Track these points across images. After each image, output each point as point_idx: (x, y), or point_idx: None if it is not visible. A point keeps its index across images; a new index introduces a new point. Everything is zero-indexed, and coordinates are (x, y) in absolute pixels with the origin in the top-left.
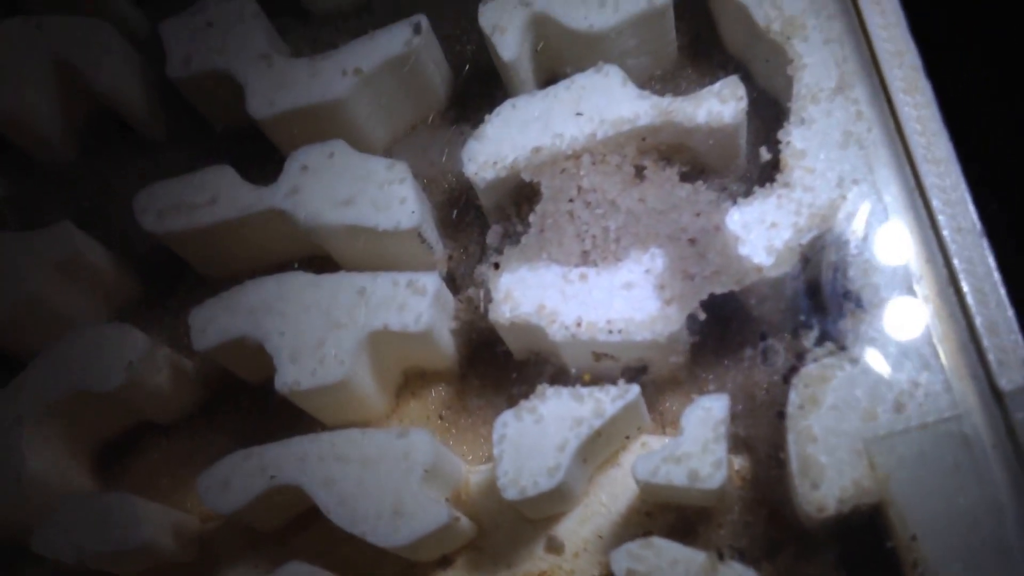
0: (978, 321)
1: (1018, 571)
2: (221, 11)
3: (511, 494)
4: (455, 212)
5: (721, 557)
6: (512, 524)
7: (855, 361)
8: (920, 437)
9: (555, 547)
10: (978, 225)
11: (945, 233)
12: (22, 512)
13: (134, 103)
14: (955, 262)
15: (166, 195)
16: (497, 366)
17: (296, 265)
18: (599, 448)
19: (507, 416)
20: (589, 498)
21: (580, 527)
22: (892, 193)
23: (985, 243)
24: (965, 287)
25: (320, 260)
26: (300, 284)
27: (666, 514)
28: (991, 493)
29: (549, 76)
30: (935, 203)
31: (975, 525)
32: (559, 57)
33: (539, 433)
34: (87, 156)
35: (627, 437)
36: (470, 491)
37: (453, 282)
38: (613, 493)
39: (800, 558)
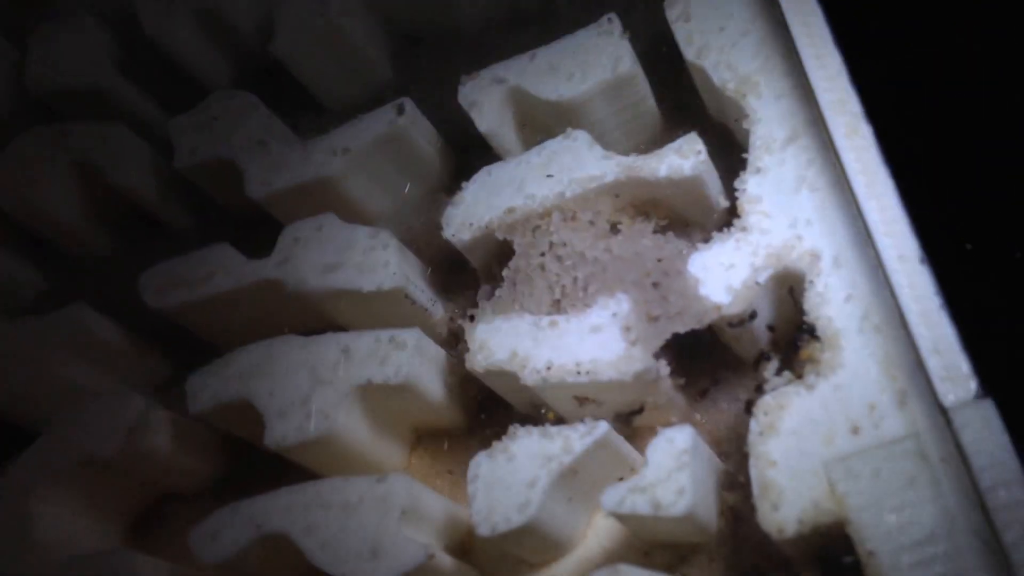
0: (922, 343)
1: None
2: (224, 106)
3: (484, 531)
4: (453, 274)
5: None
6: (512, 569)
7: (811, 388)
8: (876, 456)
9: None
10: (918, 252)
11: (888, 262)
12: None
13: (155, 197)
14: (898, 288)
15: (169, 273)
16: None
17: (286, 330)
18: (584, 488)
19: (480, 457)
20: (587, 541)
21: (578, 570)
22: (842, 230)
23: (926, 269)
24: (909, 311)
25: (321, 330)
26: (288, 346)
27: (663, 553)
28: (944, 506)
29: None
30: (877, 235)
31: (930, 538)
32: (543, 127)
33: (511, 471)
34: (120, 249)
35: (620, 479)
36: (473, 540)
37: (457, 341)
38: (611, 535)
39: None
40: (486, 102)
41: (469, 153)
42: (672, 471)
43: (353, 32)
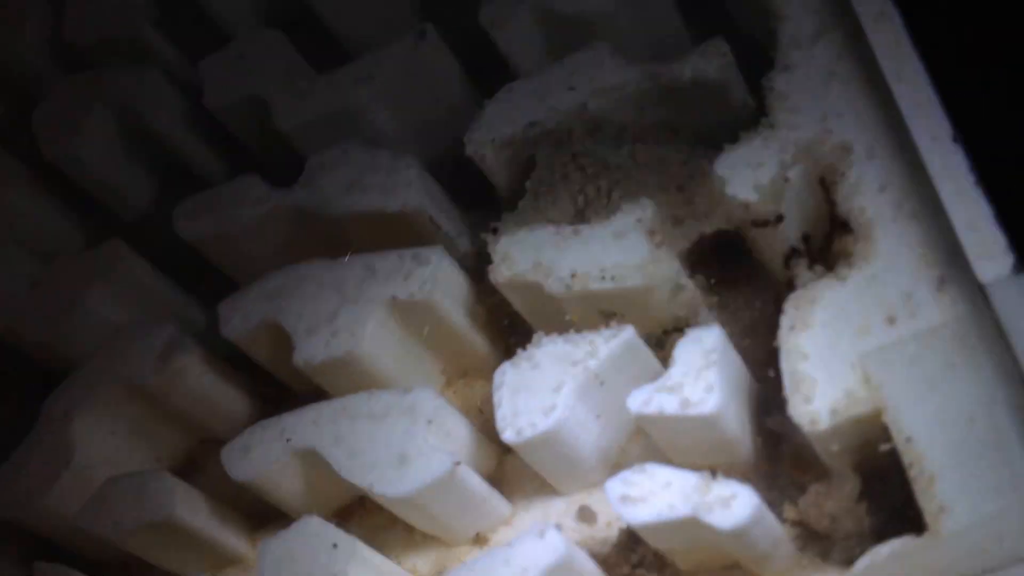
0: (957, 221)
1: (1013, 463)
2: (251, 44)
3: (509, 436)
4: (481, 209)
5: (714, 475)
6: (545, 499)
7: (844, 280)
8: (913, 345)
9: (587, 517)
10: (950, 132)
11: (921, 143)
12: (72, 503)
13: (189, 141)
14: (931, 168)
15: (198, 202)
16: None
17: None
18: (613, 406)
19: (505, 366)
20: (621, 469)
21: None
22: (874, 121)
23: (959, 148)
24: (943, 190)
25: None
26: (316, 268)
27: None
28: (985, 388)
29: None
30: (909, 118)
31: (970, 421)
32: (567, 46)
33: (536, 377)
34: (157, 206)
35: None
36: (505, 474)
37: (484, 273)
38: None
39: (822, 495)
40: (507, 21)
41: (493, 78)
42: (700, 369)
43: None
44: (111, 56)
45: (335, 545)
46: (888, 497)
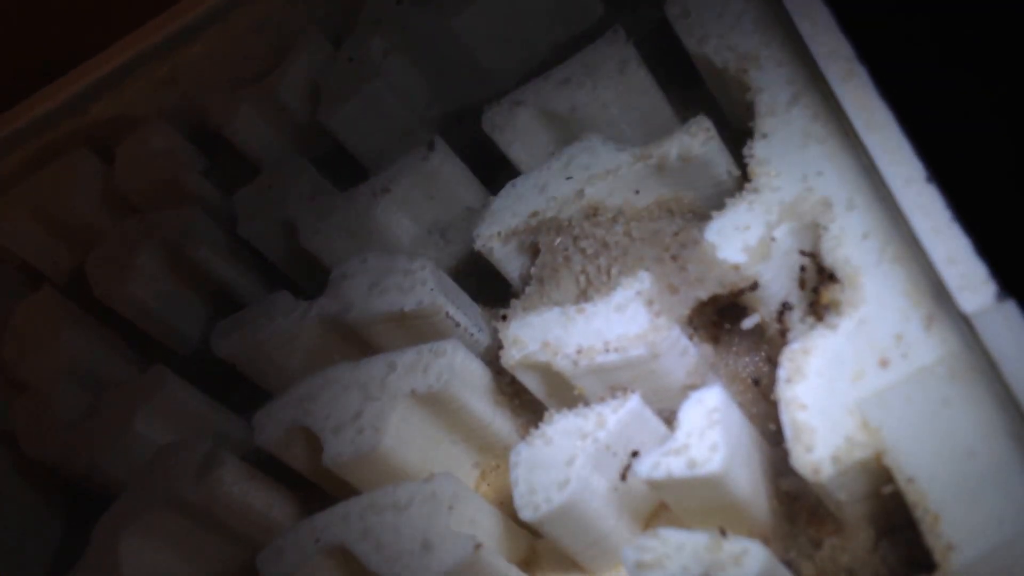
0: (936, 255)
1: (1016, 492)
2: (278, 174)
3: (527, 515)
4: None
5: (724, 533)
6: None
7: (835, 328)
8: (908, 386)
9: None
10: (924, 173)
11: (896, 187)
12: None
13: (231, 271)
14: (908, 210)
15: (233, 322)
16: None
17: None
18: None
19: (520, 446)
20: None
21: None
22: (852, 174)
23: (933, 187)
24: (920, 229)
25: None
26: (340, 370)
27: None
28: (982, 420)
29: None
30: (882, 164)
31: (970, 455)
32: (565, 140)
33: (549, 453)
34: (205, 340)
35: None
36: (538, 559)
37: None
38: None
39: (837, 549)
40: (507, 125)
41: (500, 178)
42: (704, 429)
43: (393, 97)
44: (156, 200)
45: None
46: (903, 542)
